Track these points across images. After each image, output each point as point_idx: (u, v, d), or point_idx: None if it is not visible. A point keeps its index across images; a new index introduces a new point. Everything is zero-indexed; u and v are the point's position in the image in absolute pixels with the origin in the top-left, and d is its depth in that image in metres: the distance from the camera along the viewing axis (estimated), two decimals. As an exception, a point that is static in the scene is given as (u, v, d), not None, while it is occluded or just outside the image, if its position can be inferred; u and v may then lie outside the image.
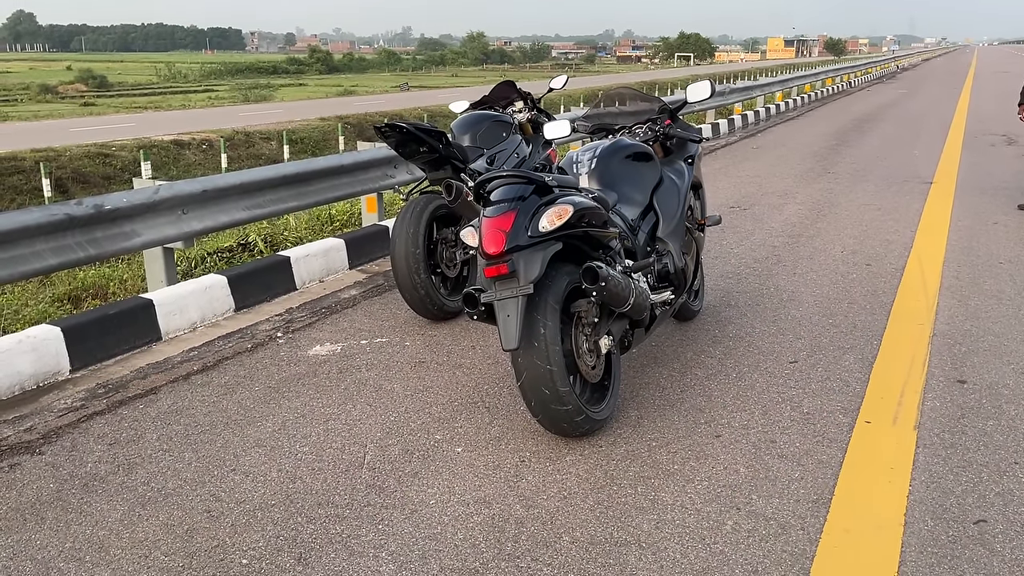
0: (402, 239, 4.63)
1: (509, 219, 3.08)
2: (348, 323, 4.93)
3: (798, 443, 3.31)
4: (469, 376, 4.07)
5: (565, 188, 3.32)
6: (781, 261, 6.03)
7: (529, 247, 3.09)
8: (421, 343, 4.56)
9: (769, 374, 4.00)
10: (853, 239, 6.66)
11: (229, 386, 4.03)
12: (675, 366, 4.12)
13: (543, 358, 3.10)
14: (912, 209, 7.81)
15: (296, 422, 3.62)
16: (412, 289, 4.65)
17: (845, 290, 5.30)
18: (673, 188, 4.08)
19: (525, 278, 3.07)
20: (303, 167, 5.93)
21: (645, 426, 3.49)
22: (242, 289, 5.24)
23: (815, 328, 4.62)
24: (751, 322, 4.73)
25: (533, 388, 3.14)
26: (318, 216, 7.61)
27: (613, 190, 3.86)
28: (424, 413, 3.67)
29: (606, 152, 3.94)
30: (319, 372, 4.18)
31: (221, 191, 5.28)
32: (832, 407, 3.63)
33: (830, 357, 4.20)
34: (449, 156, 4.89)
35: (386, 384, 4.01)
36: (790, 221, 7.39)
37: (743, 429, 3.44)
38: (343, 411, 3.72)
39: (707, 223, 4.40)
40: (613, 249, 3.46)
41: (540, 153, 5.75)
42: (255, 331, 4.84)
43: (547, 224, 3.11)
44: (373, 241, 6.38)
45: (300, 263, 5.69)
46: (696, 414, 3.59)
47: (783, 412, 3.59)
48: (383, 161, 6.65)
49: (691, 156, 4.36)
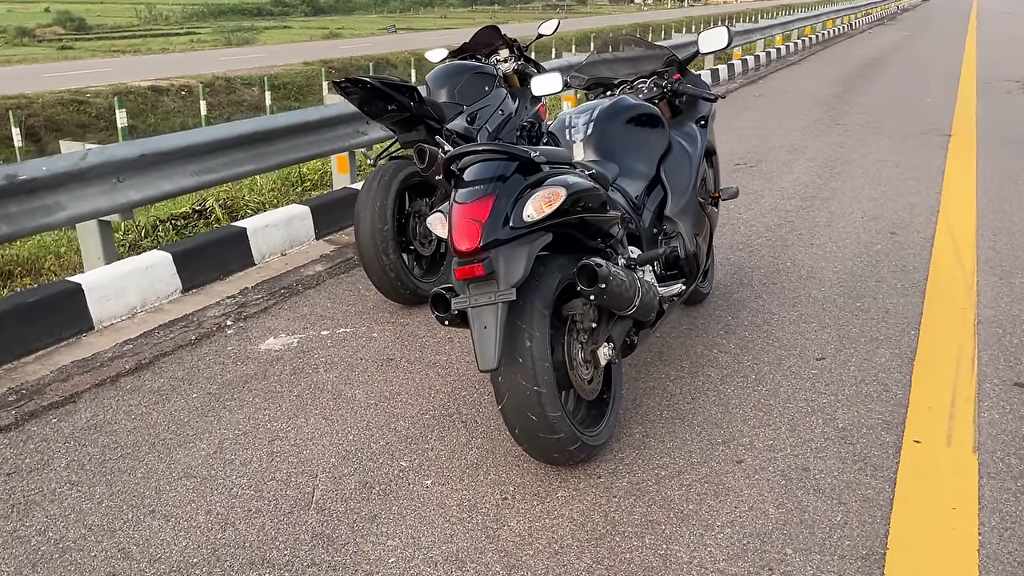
0: (368, 213, 4.00)
1: (486, 206, 2.46)
2: (309, 308, 4.32)
3: (836, 472, 2.75)
4: (444, 379, 3.49)
5: (555, 164, 2.69)
6: (796, 229, 5.42)
7: (511, 241, 2.47)
8: (390, 334, 3.96)
9: (794, 375, 3.42)
10: (873, 202, 6.05)
11: (162, 392, 3.44)
12: (684, 364, 3.54)
13: (529, 377, 2.51)
14: (933, 166, 7.19)
15: (236, 442, 3.04)
16: (380, 272, 4.03)
17: (871, 265, 4.70)
18: (684, 157, 3.45)
19: (506, 280, 2.46)
20: (262, 125, 5.26)
21: (652, 448, 2.92)
22: (191, 267, 4.62)
23: (841, 314, 4.03)
24: (768, 306, 4.14)
25: (517, 413, 2.56)
26: (286, 176, 6.95)
27: (613, 161, 3.23)
28: (389, 430, 3.09)
29: (605, 114, 3.30)
30: (270, 373, 3.59)
31: (163, 155, 4.62)
32: (872, 420, 3.06)
33: (862, 352, 3.62)
34: (422, 115, 4.24)
35: (346, 389, 3.42)
36: (801, 180, 6.77)
37: (768, 451, 2.88)
38: (293, 427, 3.14)
39: (722, 196, 3.77)
40: (614, 236, 2.85)
41: (528, 109, 5.09)
42: (202, 318, 4.23)
43: (533, 212, 2.49)
44: (343, 207, 5.73)
45: (259, 235, 5.05)
46: (712, 430, 3.02)
47: (814, 428, 3.02)
48: (354, 116, 5.96)
49: (704, 117, 3.72)
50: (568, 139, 3.28)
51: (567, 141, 3.28)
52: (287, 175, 6.96)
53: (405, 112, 4.16)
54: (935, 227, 5.40)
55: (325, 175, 7.22)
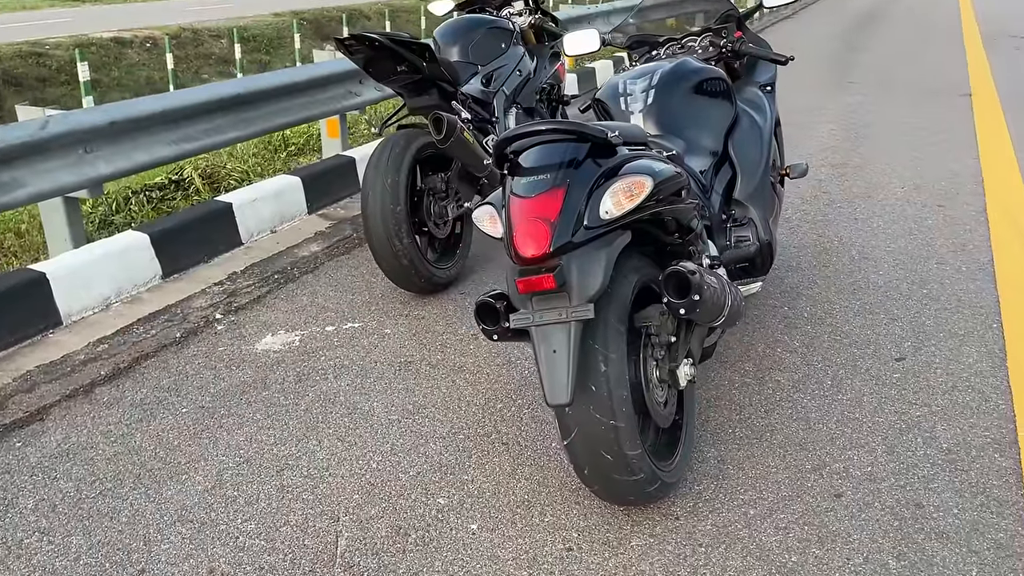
0: (377, 192, 3.48)
1: (555, 200, 1.97)
2: (308, 297, 3.81)
3: (955, 509, 2.33)
4: (474, 387, 3.02)
5: (631, 144, 2.20)
6: (834, 202, 4.97)
7: (587, 244, 1.99)
8: (405, 330, 3.47)
9: (875, 379, 3.00)
10: (909, 170, 5.61)
11: (146, 406, 2.94)
12: (747, 367, 3.10)
13: (604, 409, 2.05)
14: (963, 128, 6.75)
15: (238, 473, 2.56)
16: (392, 258, 3.53)
17: (926, 244, 4.27)
18: (753, 130, 2.97)
19: (581, 294, 1.98)
20: (245, 86, 4.69)
21: (732, 477, 2.48)
22: (171, 249, 4.08)
23: (909, 303, 3.60)
24: (825, 293, 3.70)
25: (588, 452, 2.10)
26: (268, 140, 6.36)
27: (678, 135, 2.75)
28: (418, 454, 2.63)
29: (667, 80, 2.80)
30: (271, 380, 3.10)
31: (136, 122, 4.05)
32: (979, 439, 2.64)
33: (945, 350, 3.20)
34: (435, 77, 3.71)
35: (362, 401, 2.94)
36: (827, 144, 6.31)
37: (869, 481, 2.45)
38: (305, 451, 2.66)
39: (791, 174, 3.29)
40: (694, 230, 2.37)
41: (547, 69, 4.57)
42: (187, 310, 3.72)
43: (612, 207, 2.00)
44: (336, 176, 5.20)
45: (246, 210, 4.52)
46: (797, 453, 2.59)
47: (915, 449, 2.60)
48: (345, 76, 5.40)
49: (771, 83, 3.23)
50: (623, 109, 2.78)
51: (622, 112, 2.78)
52: (269, 140, 6.37)
53: (416, 74, 3.63)
54: (984, 199, 4.98)
55: (311, 138, 6.64)
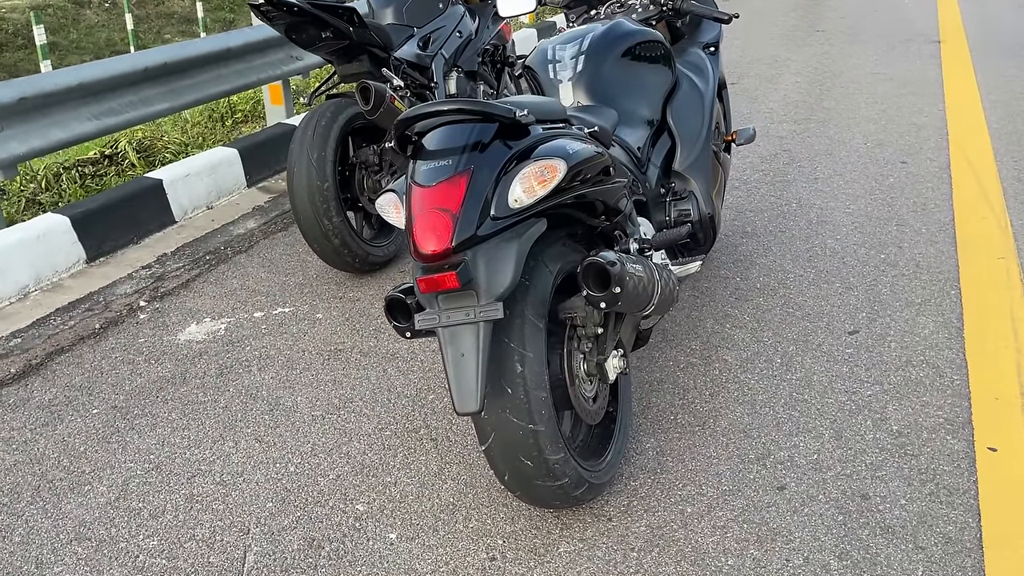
0: (303, 168, 3.28)
1: (457, 189, 1.78)
2: (239, 280, 3.62)
3: (903, 500, 2.21)
4: (406, 376, 2.86)
5: (546, 122, 2.01)
6: (795, 160, 4.80)
7: (494, 236, 1.81)
8: (338, 314, 3.29)
9: (826, 356, 2.86)
10: (873, 123, 5.44)
11: (54, 408, 2.76)
12: (694, 346, 2.95)
13: (521, 413, 1.89)
14: (930, 78, 6.57)
15: (145, 482, 2.39)
16: (322, 238, 3.33)
17: (887, 204, 4.12)
18: (694, 95, 2.78)
19: (489, 291, 1.80)
20: (174, 54, 4.42)
21: (670, 470, 2.34)
22: (96, 231, 3.87)
23: (866, 269, 3.46)
24: (779, 261, 3.55)
25: (507, 457, 1.95)
26: (212, 108, 6.09)
27: (611, 105, 2.55)
28: (340, 455, 2.47)
29: (598, 45, 2.60)
30: (190, 375, 2.92)
31: (50, 97, 3.80)
32: (931, 420, 2.52)
33: (901, 321, 3.06)
34: (364, 42, 3.48)
35: (286, 396, 2.77)
36: (791, 99, 6.11)
37: (815, 470, 2.32)
38: (219, 454, 2.50)
39: (737, 140, 3.11)
40: (622, 211, 2.20)
41: (490, 30, 4.34)
42: (110, 297, 3.52)
43: (523, 194, 1.82)
44: (278, 147, 4.96)
45: (178, 187, 4.29)
46: (740, 441, 2.45)
47: (864, 433, 2.47)
48: (286, 39, 5.12)
49: (714, 43, 3.03)
50: (552, 78, 2.58)
51: (551, 80, 2.59)
52: (213, 108, 6.10)
53: (343, 39, 3.41)
54: (948, 153, 4.82)
55: (259, 105, 6.38)
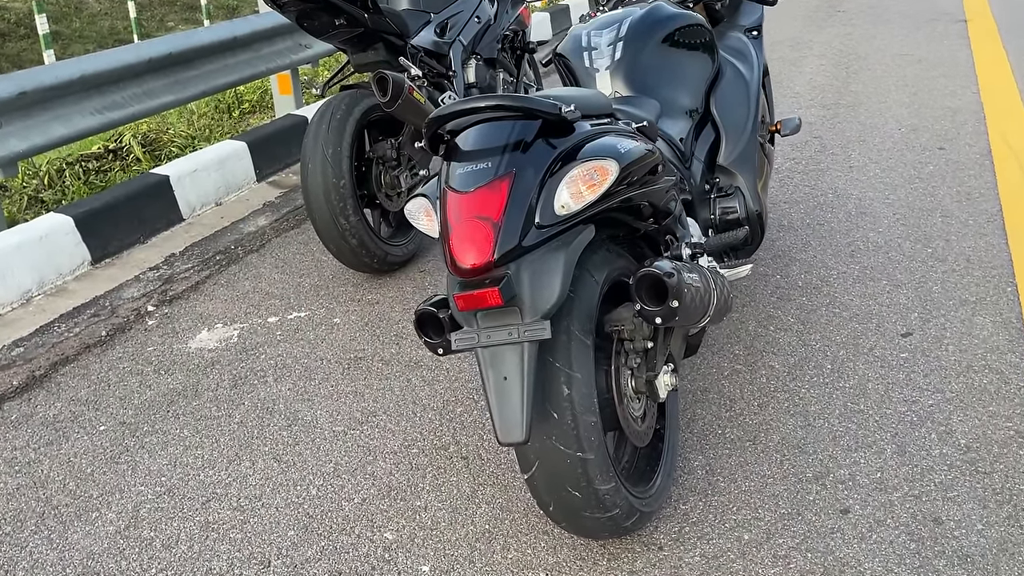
0: (318, 165, 3.09)
1: (499, 195, 1.60)
2: (251, 282, 3.45)
3: (980, 525, 2.03)
4: (431, 387, 2.68)
5: (591, 116, 1.83)
6: (827, 148, 4.60)
7: (540, 246, 1.63)
8: (357, 319, 3.12)
9: (879, 361, 2.67)
10: (905, 108, 5.23)
11: (59, 425, 2.60)
12: (737, 351, 2.77)
13: (569, 439, 1.71)
14: (960, 60, 6.34)
15: (157, 507, 2.23)
16: (339, 238, 3.15)
17: (928, 193, 3.92)
18: (738, 83, 2.59)
19: (534, 308, 1.62)
20: (178, 44, 4.24)
21: (722, 492, 2.17)
22: (101, 231, 3.70)
23: (912, 265, 3.27)
24: (820, 256, 3.36)
25: (553, 487, 1.77)
26: (218, 99, 5.91)
27: (652, 95, 2.36)
28: (364, 476, 2.30)
29: (637, 31, 2.40)
30: (203, 387, 2.76)
31: (52, 90, 3.63)
32: (1001, 433, 2.33)
33: (956, 322, 2.87)
34: (380, 29, 3.29)
35: (304, 410, 2.60)
36: (816, 83, 5.90)
37: (880, 491, 2.14)
38: (235, 475, 2.33)
39: (781, 131, 2.91)
40: (672, 213, 2.01)
41: (509, 14, 4.14)
42: (116, 301, 3.35)
43: (571, 200, 1.64)
44: (288, 139, 4.78)
45: (185, 183, 4.12)
46: (796, 457, 2.28)
47: (930, 448, 2.29)
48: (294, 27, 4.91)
49: (756, 27, 2.83)
50: (588, 67, 2.39)
51: (586, 69, 2.40)
52: (219, 99, 5.92)
53: (358, 27, 3.22)
54: (987, 139, 4.61)
55: (266, 94, 6.20)
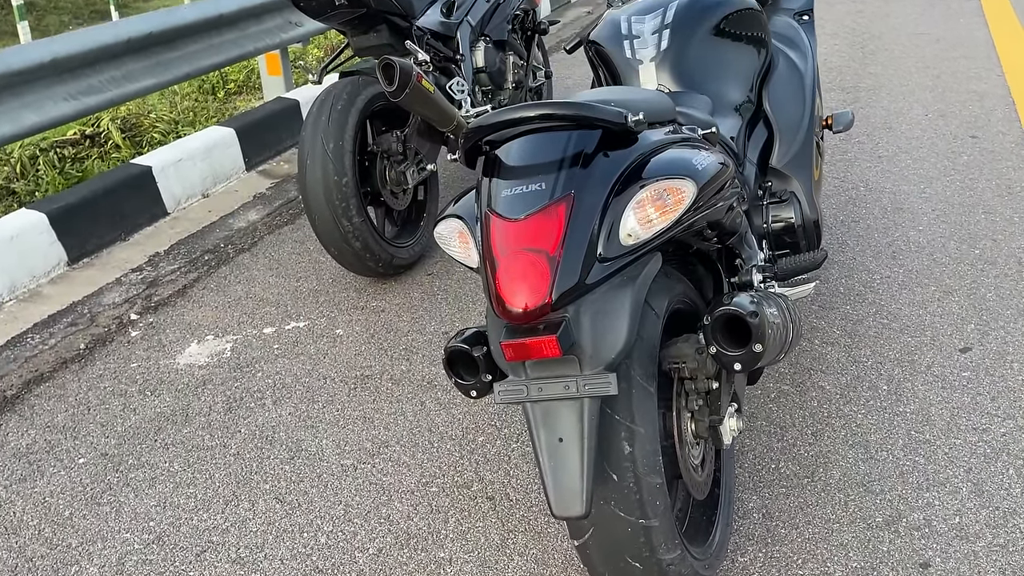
0: (318, 161, 2.80)
1: (556, 223, 1.33)
2: (243, 286, 3.17)
3: (1079, 581, 1.80)
4: (448, 411, 2.42)
5: (657, 123, 1.55)
6: (852, 135, 4.35)
7: (603, 283, 1.37)
8: (361, 329, 2.85)
9: (939, 380, 2.44)
10: (929, 92, 4.97)
11: (32, 458, 2.32)
12: (782, 370, 2.52)
13: (631, 505, 1.46)
14: (979, 40, 6.09)
15: (144, 558, 1.97)
16: (341, 241, 2.87)
17: (966, 187, 3.68)
18: (793, 76, 2.32)
19: (596, 358, 1.36)
20: (159, 23, 3.91)
21: (783, 541, 1.93)
22: (78, 228, 3.40)
23: (961, 268, 3.03)
24: (860, 259, 3.12)
25: (609, 559, 1.52)
26: (203, 80, 5.57)
27: (701, 90, 2.09)
28: (379, 520, 2.05)
29: (685, 17, 2.13)
30: (193, 411, 2.48)
31: (20, 75, 3.30)
32: (1084, 466, 2.11)
33: (1017, 335, 2.64)
34: (384, 10, 3.00)
35: (308, 439, 2.34)
36: (832, 64, 5.63)
37: (961, 540, 1.91)
38: (233, 519, 2.07)
39: (833, 126, 2.65)
40: (738, 231, 1.75)
41: (519, -7, 3.84)
42: (95, 308, 3.06)
43: (639, 227, 1.37)
44: (279, 124, 4.48)
45: (169, 174, 3.81)
46: (861, 497, 2.04)
47: (1009, 484, 2.05)
48: (284, 3, 4.62)
49: (807, 10, 2.56)
50: (630, 57, 2.11)
51: (627, 60, 2.12)
52: (204, 79, 5.58)
53: (360, 7, 2.92)
54: (1020, 126, 4.37)
55: (253, 74, 5.86)
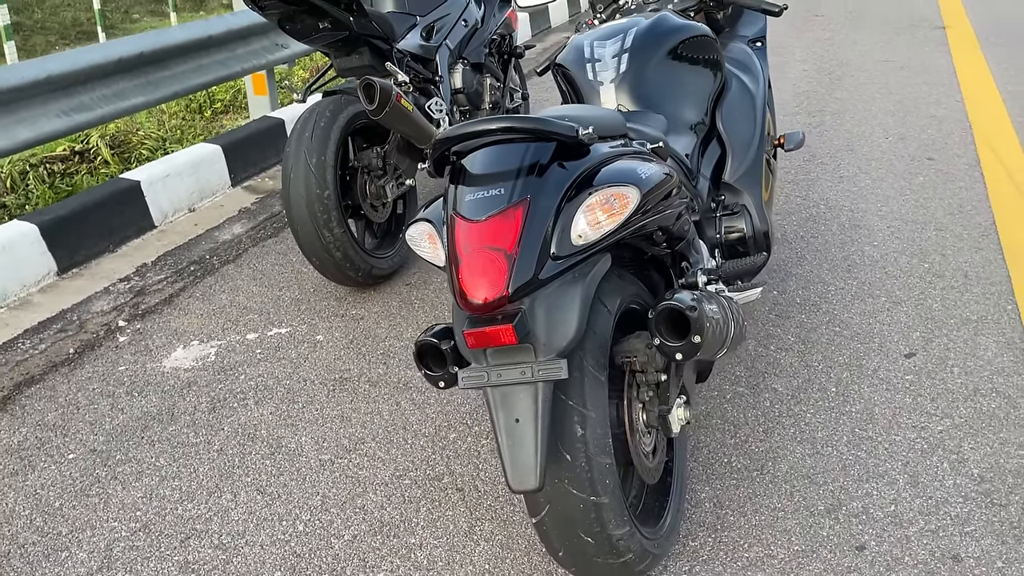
0: (300, 175, 2.95)
1: (513, 224, 1.49)
2: (228, 295, 3.30)
3: (1000, 562, 1.95)
4: (422, 410, 2.56)
5: (605, 137, 1.72)
6: (816, 157, 4.54)
7: (555, 279, 1.52)
8: (341, 335, 2.99)
9: (884, 384, 2.60)
10: (891, 116, 5.18)
11: (24, 454, 2.44)
12: (739, 372, 2.68)
13: (582, 483, 1.60)
14: (941, 67, 6.33)
15: (131, 544, 2.08)
16: (322, 252, 3.01)
17: (921, 206, 3.86)
18: (744, 97, 2.49)
19: (549, 346, 1.51)
20: (149, 43, 4.06)
21: (732, 527, 2.07)
22: (68, 239, 3.53)
23: (911, 280, 3.20)
24: (817, 272, 3.29)
25: (564, 533, 1.66)
26: (191, 99, 5.72)
27: (658, 110, 2.26)
28: (354, 510, 2.18)
29: (643, 42, 2.30)
30: (178, 410, 2.61)
31: (14, 92, 3.44)
32: (1013, 460, 2.26)
33: (959, 341, 2.81)
34: (365, 33, 3.16)
35: (288, 436, 2.47)
36: (801, 89, 5.84)
37: (895, 525, 2.06)
38: (216, 510, 2.19)
39: (785, 145, 2.82)
40: (685, 237, 1.91)
41: (496, 17, 4.02)
42: (84, 315, 3.18)
43: (589, 229, 1.53)
44: (264, 142, 4.62)
45: (157, 188, 3.95)
46: (806, 489, 2.19)
47: (943, 479, 2.21)
48: (270, 26, 4.77)
49: (760, 37, 2.74)
50: (591, 79, 2.28)
51: (589, 82, 2.28)
52: (191, 98, 5.73)
53: (343, 31, 3.08)
54: (975, 148, 4.58)
55: (239, 93, 6.02)
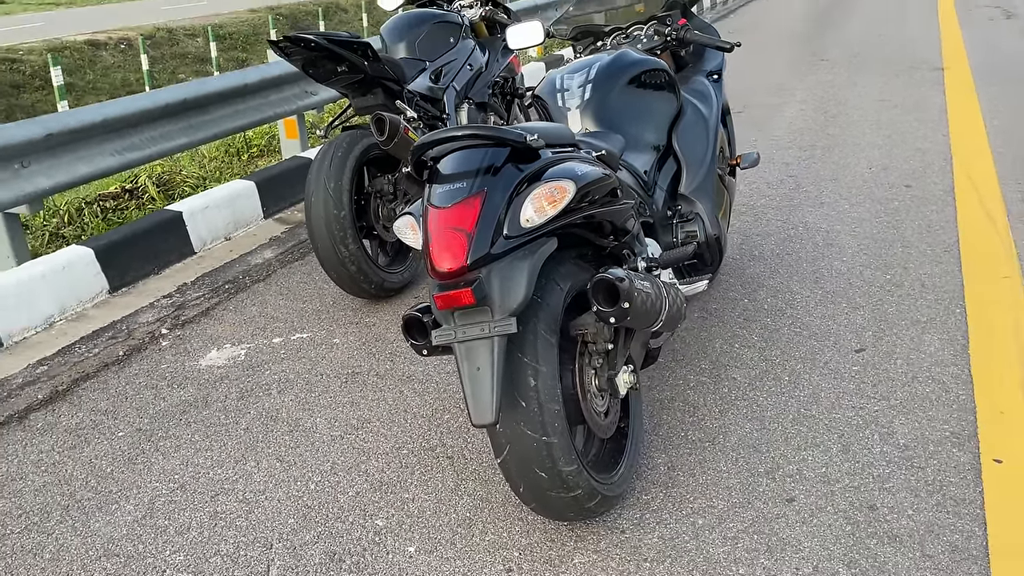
0: (320, 197, 3.38)
1: (472, 209, 1.87)
2: (258, 307, 3.71)
3: (911, 510, 2.25)
4: (421, 397, 2.93)
5: (556, 146, 2.11)
6: (801, 186, 4.89)
7: (507, 255, 1.90)
8: (355, 339, 3.38)
9: (833, 373, 2.92)
10: (878, 149, 5.52)
11: (81, 432, 2.84)
12: (703, 365, 3.01)
13: (535, 425, 1.96)
14: (933, 104, 6.67)
15: (171, 500, 2.46)
16: (339, 265, 3.42)
17: (892, 226, 4.19)
18: (698, 121, 2.87)
19: (503, 307, 1.89)
20: (193, 91, 4.56)
21: (681, 484, 2.40)
22: (118, 262, 3.98)
23: (872, 290, 3.52)
24: (787, 282, 3.62)
25: (522, 470, 2.01)
26: (228, 143, 6.24)
27: (618, 131, 2.65)
28: (359, 473, 2.54)
29: (605, 74, 2.70)
30: (212, 398, 3.00)
31: (75, 133, 3.93)
32: (937, 434, 2.57)
33: (907, 339, 3.12)
34: (378, 76, 3.60)
35: (305, 418, 2.85)
36: (796, 127, 6.21)
37: (823, 483, 2.37)
38: (241, 473, 2.57)
39: (741, 164, 3.20)
40: (630, 231, 2.28)
41: (500, 62, 4.46)
42: (132, 325, 3.61)
43: (534, 214, 1.91)
44: (293, 179, 5.08)
45: (197, 218, 4.40)
46: (750, 455, 2.51)
47: (872, 446, 2.52)
48: (300, 75, 5.24)
49: (717, 71, 3.13)
50: (561, 106, 2.68)
51: (559, 108, 2.69)
52: (229, 142, 6.25)
53: (358, 73, 3.52)
54: (952, 176, 4.90)
55: (274, 139, 6.53)
